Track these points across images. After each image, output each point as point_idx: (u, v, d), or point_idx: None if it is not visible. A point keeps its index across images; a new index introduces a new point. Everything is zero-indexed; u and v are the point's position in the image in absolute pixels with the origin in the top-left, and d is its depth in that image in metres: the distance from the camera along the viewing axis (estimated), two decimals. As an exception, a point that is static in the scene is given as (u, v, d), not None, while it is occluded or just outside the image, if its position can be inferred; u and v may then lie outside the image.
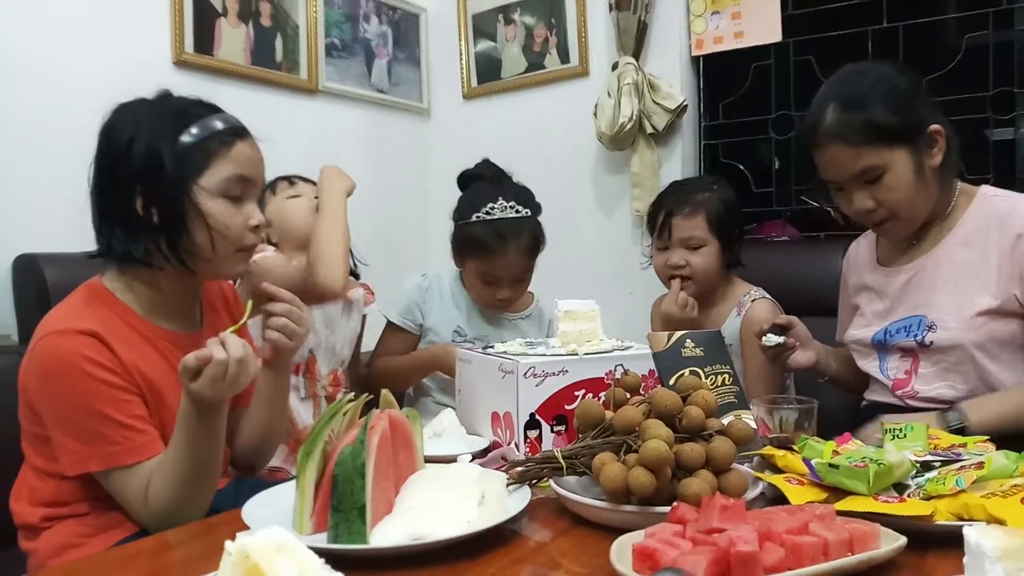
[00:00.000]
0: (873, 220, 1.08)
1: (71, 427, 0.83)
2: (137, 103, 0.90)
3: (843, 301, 1.29)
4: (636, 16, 1.92)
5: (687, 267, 1.40)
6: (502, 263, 1.37)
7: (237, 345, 0.78)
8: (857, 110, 1.02)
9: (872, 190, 1.04)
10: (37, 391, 0.85)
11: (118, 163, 0.86)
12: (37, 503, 0.89)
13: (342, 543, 0.64)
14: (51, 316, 0.87)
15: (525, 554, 0.65)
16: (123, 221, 0.87)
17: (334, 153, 2.02)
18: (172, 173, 0.85)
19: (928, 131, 1.03)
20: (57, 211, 1.43)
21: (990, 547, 0.50)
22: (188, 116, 0.88)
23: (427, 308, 1.47)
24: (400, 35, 2.26)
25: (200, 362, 0.77)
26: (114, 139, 0.87)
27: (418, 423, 0.77)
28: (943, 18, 1.83)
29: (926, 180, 1.05)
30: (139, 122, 0.86)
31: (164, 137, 0.86)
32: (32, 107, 1.45)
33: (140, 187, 0.86)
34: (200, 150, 0.87)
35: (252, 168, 0.91)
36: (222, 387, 0.78)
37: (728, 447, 0.70)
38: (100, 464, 0.83)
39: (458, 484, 0.71)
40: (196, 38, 1.71)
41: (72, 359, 0.82)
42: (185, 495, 0.82)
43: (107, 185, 0.88)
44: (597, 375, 0.95)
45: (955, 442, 0.81)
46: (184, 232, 0.87)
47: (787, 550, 0.55)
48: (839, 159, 1.04)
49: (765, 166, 2.10)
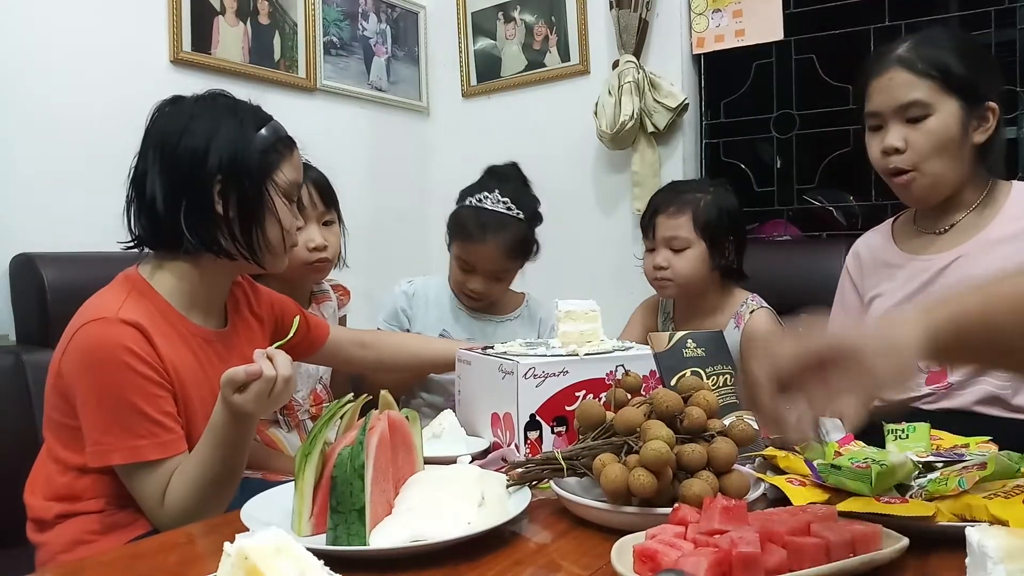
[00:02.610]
0: (897, 165, 1.04)
1: (101, 417, 0.83)
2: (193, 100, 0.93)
3: (847, 300, 1.23)
4: (637, 14, 1.92)
5: (668, 269, 1.35)
6: (478, 252, 1.37)
7: (286, 363, 0.79)
8: (929, 47, 1.03)
9: (910, 131, 1.03)
10: (73, 378, 0.85)
11: (193, 157, 0.88)
12: (51, 497, 0.89)
13: (341, 544, 0.63)
14: (92, 304, 0.87)
15: (525, 555, 0.64)
16: (201, 213, 0.89)
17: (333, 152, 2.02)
18: (255, 167, 0.90)
19: (985, 103, 1.04)
20: (55, 211, 1.43)
21: (992, 548, 0.50)
22: (257, 117, 0.93)
23: (413, 313, 1.48)
24: (399, 33, 2.26)
25: (249, 376, 0.77)
26: (184, 139, 0.89)
27: (417, 424, 0.77)
28: (945, 16, 1.83)
29: (963, 150, 1.03)
30: (215, 117, 0.90)
31: (244, 132, 0.90)
32: (30, 106, 1.45)
33: (221, 177, 0.88)
34: (273, 149, 0.93)
35: (301, 174, 0.98)
36: (266, 403, 0.79)
37: (730, 448, 0.70)
38: (123, 457, 0.83)
39: (458, 485, 0.70)
40: (194, 37, 1.70)
41: (113, 348, 0.82)
42: (204, 501, 0.82)
43: (177, 177, 0.89)
44: (598, 376, 0.95)
45: (958, 443, 0.81)
46: (261, 224, 0.91)
47: (789, 551, 0.54)
48: (895, 83, 1.03)
49: (767, 165, 2.10)
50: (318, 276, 1.35)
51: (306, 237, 1.27)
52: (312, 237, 1.28)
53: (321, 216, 1.31)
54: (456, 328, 1.46)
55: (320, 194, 1.30)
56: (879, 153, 1.06)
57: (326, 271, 1.35)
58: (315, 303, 1.39)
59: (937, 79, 1.02)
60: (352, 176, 2.11)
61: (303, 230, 1.27)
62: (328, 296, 1.42)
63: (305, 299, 1.37)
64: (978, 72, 1.04)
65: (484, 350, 1.05)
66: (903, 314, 0.60)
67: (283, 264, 0.98)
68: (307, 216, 1.28)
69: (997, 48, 1.70)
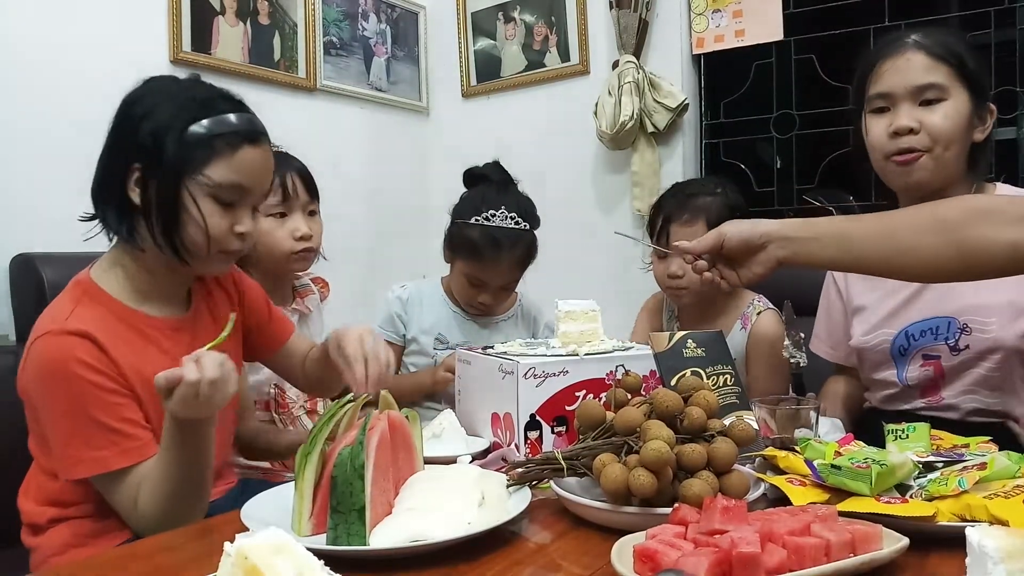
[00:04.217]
0: (908, 145, 1.02)
1: (62, 431, 0.82)
2: (167, 80, 0.89)
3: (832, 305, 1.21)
4: (637, 14, 1.92)
5: (684, 277, 1.34)
6: (492, 270, 1.37)
7: (213, 364, 0.74)
8: (944, 36, 1.04)
9: (923, 113, 1.01)
10: (33, 393, 0.85)
11: (127, 136, 0.85)
12: (44, 502, 0.89)
13: (341, 544, 0.63)
14: (43, 316, 0.86)
15: (525, 556, 0.64)
16: (117, 197, 0.85)
17: (332, 152, 2.02)
18: (171, 160, 0.83)
19: (987, 102, 1.04)
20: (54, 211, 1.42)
21: (992, 548, 0.50)
22: (205, 107, 0.85)
23: (408, 318, 1.47)
24: (399, 33, 2.26)
25: (170, 383, 0.73)
26: (131, 110, 0.85)
27: (417, 424, 0.77)
28: (945, 16, 1.82)
29: (966, 143, 1.03)
30: (158, 101, 0.85)
31: (175, 121, 0.83)
32: (29, 106, 1.45)
33: (139, 165, 0.84)
34: (205, 145, 0.84)
35: (252, 177, 0.88)
36: (195, 407, 0.75)
37: (730, 448, 0.70)
38: (89, 469, 0.82)
39: (458, 485, 0.70)
40: (194, 37, 1.70)
41: (64, 362, 0.80)
42: (173, 507, 0.80)
43: (109, 157, 0.87)
44: (598, 376, 0.94)
45: (957, 443, 0.81)
46: (176, 222, 0.85)
47: (789, 551, 0.54)
48: (913, 64, 1.02)
49: (766, 165, 2.09)
50: (302, 266, 1.33)
51: (292, 226, 1.25)
52: (298, 226, 1.26)
53: (306, 206, 1.29)
54: (452, 331, 1.46)
55: (304, 184, 1.29)
56: (885, 134, 1.03)
57: (310, 261, 1.32)
58: (298, 297, 1.36)
59: (954, 66, 1.01)
60: (352, 176, 2.11)
61: (288, 219, 1.25)
62: (310, 289, 1.39)
63: (288, 293, 1.35)
64: (984, 71, 1.05)
65: (484, 350, 1.05)
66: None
67: (209, 268, 0.92)
68: (292, 206, 1.27)
69: (997, 48, 1.70)
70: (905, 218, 0.85)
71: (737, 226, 0.89)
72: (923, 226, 0.81)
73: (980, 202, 0.86)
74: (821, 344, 1.24)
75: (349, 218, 2.05)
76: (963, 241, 0.79)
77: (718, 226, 0.90)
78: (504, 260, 1.36)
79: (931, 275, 0.87)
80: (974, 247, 0.78)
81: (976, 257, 0.79)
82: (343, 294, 1.58)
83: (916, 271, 0.84)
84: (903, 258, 0.82)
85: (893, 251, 0.82)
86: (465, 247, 1.38)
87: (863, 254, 0.84)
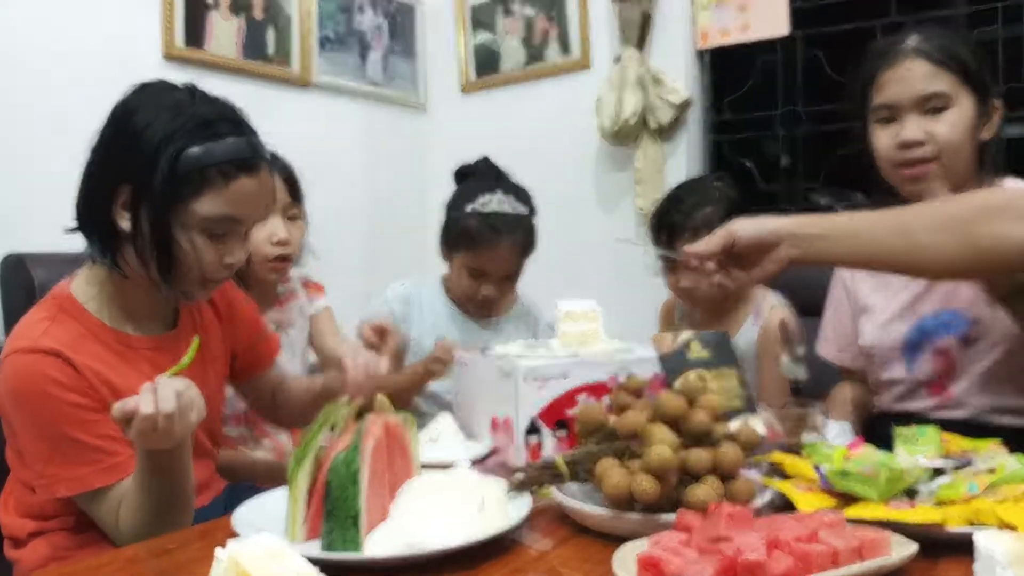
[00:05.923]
0: (916, 157, 1.01)
1: (40, 449, 0.81)
2: (163, 90, 0.83)
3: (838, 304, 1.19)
4: (639, 7, 1.90)
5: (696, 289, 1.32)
6: (492, 257, 1.34)
7: (169, 396, 0.69)
8: (942, 39, 1.02)
9: (928, 122, 1.00)
10: (7, 410, 0.82)
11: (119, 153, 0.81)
12: (25, 515, 0.87)
13: (336, 551, 0.62)
14: (16, 331, 0.83)
15: (525, 563, 0.63)
16: (103, 221, 0.83)
17: (328, 149, 2.01)
18: (162, 187, 0.79)
19: (991, 101, 1.03)
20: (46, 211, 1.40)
21: (1001, 553, 0.50)
22: (204, 128, 0.80)
23: (409, 317, 1.45)
24: (396, 27, 2.24)
25: (125, 415, 0.70)
26: (124, 124, 0.81)
27: (414, 428, 0.76)
28: (952, 13, 1.80)
29: (974, 144, 1.02)
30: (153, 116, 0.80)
31: (170, 144, 0.79)
32: (20, 104, 1.43)
33: (129, 186, 0.81)
34: (197, 174, 0.80)
35: (246, 209, 0.84)
36: (154, 440, 0.71)
37: (735, 453, 0.68)
38: (70, 489, 0.80)
39: (456, 491, 0.69)
40: (187, 31, 1.69)
41: (37, 381, 0.78)
42: (154, 525, 0.78)
43: (97, 173, 0.83)
44: (600, 378, 0.93)
45: (966, 447, 0.80)
46: (168, 256, 0.82)
47: (796, 558, 0.53)
48: (915, 73, 1.01)
49: (772, 163, 2.08)
50: (276, 277, 1.28)
51: (269, 231, 1.21)
52: (275, 231, 1.21)
53: (286, 209, 1.25)
54: (452, 331, 1.44)
55: (287, 186, 1.25)
56: (893, 145, 1.03)
57: (284, 272, 1.28)
58: (278, 305, 1.32)
59: (956, 71, 1.00)
60: (348, 173, 2.10)
61: (266, 223, 1.19)
62: (294, 295, 1.36)
63: (269, 299, 1.31)
64: (985, 68, 1.03)
65: (483, 351, 1.03)
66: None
67: (191, 296, 0.88)
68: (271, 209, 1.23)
69: (1004, 44, 1.68)
70: (917, 215, 0.84)
71: (746, 224, 0.87)
72: (936, 223, 0.80)
73: (992, 198, 0.85)
74: (828, 346, 1.23)
75: (345, 216, 2.04)
76: (977, 238, 0.78)
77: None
78: (504, 245, 1.33)
79: (944, 272, 0.86)
80: (988, 244, 0.78)
81: (990, 253, 0.78)
82: (338, 292, 1.56)
83: (929, 268, 0.84)
84: (916, 255, 0.81)
85: (906, 248, 0.81)
86: (463, 237, 1.35)
87: (876, 252, 0.83)
